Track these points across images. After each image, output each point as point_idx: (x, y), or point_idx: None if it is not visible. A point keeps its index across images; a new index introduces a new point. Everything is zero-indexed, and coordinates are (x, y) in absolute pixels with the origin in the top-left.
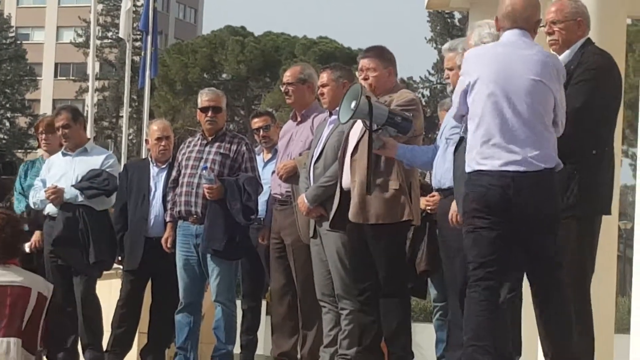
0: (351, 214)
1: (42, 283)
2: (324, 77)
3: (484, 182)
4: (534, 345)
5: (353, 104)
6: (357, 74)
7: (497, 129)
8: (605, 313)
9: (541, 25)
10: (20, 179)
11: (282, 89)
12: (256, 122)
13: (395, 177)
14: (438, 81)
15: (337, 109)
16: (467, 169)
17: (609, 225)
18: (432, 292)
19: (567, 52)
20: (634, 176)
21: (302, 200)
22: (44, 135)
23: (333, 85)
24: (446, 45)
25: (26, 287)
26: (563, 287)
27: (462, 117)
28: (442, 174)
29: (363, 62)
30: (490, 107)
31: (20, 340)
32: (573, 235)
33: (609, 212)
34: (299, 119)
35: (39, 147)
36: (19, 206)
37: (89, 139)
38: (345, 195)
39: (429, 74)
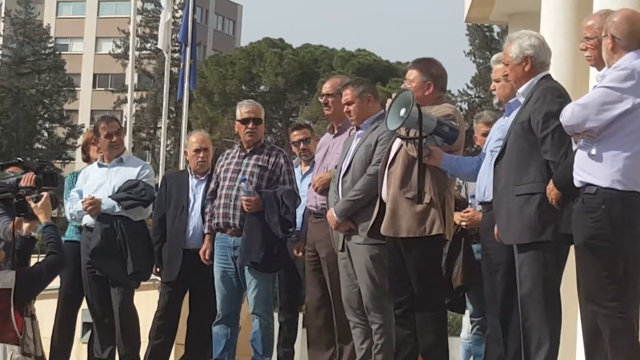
0: (383, 227)
1: (1, 276)
2: (348, 94)
3: None
4: None
5: (403, 112)
6: (406, 84)
7: None
8: None
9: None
10: (67, 189)
11: (322, 100)
12: (296, 135)
13: (428, 191)
14: (476, 95)
15: (366, 122)
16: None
17: None
18: (469, 307)
19: (605, 69)
20: None
21: (331, 214)
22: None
23: (358, 102)
24: (494, 57)
25: None
26: None
27: (579, 130)
28: (486, 186)
29: (408, 72)
30: None
31: (5, 344)
32: None
33: None
34: (336, 132)
35: (87, 159)
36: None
37: (125, 149)
38: (382, 208)
39: (467, 87)
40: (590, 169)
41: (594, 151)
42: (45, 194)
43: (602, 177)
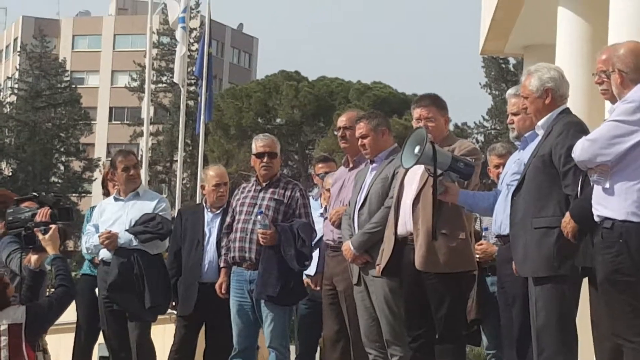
0: (418, 263)
1: (11, 312)
2: (362, 127)
3: None
4: None
5: (417, 149)
6: (413, 123)
7: None
8: None
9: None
10: (87, 222)
11: (338, 133)
12: (321, 168)
13: (462, 227)
14: (493, 127)
15: (380, 155)
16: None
17: None
18: (484, 339)
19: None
20: None
21: (348, 247)
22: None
23: (373, 135)
24: (511, 91)
25: None
26: None
27: (591, 165)
28: (502, 220)
29: (420, 112)
30: None
31: None
32: None
33: None
34: (351, 165)
35: (107, 194)
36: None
37: (141, 183)
38: (399, 243)
39: (483, 119)
40: (606, 203)
41: (607, 185)
42: (53, 226)
43: (618, 210)
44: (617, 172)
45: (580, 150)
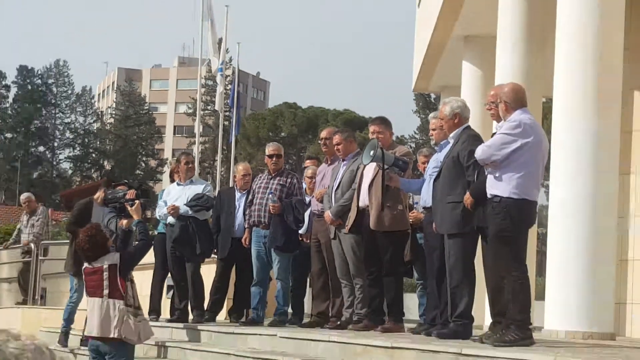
0: (372, 224)
1: (110, 257)
2: (337, 138)
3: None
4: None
5: (372, 152)
6: (369, 135)
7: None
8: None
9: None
10: (159, 199)
11: (321, 142)
12: (308, 162)
13: (400, 202)
14: (420, 138)
15: (349, 155)
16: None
17: (531, 230)
18: (415, 273)
19: (502, 122)
20: (547, 199)
21: (328, 215)
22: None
23: (344, 143)
24: (431, 115)
25: (98, 266)
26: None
27: (487, 162)
28: (426, 197)
29: (374, 127)
30: (539, 161)
31: (101, 298)
32: None
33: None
34: (329, 162)
35: (172, 180)
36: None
37: (194, 174)
38: (361, 211)
39: (414, 133)
40: (496, 186)
41: (497, 174)
42: (137, 201)
43: (504, 190)
44: (504, 166)
45: (481, 152)
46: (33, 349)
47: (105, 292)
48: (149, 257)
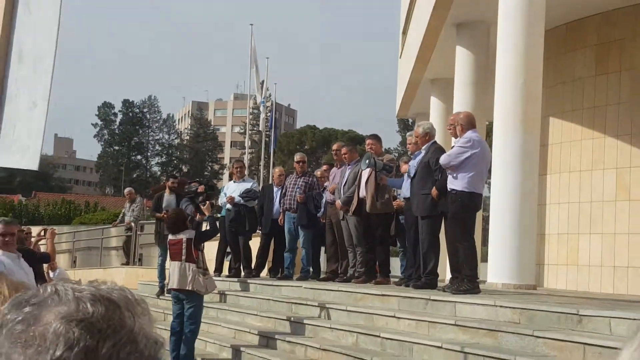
0: (367, 208)
1: (188, 233)
2: (344, 150)
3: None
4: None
5: (367, 161)
6: (365, 147)
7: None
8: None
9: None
10: (221, 192)
11: (333, 153)
12: (325, 169)
13: (388, 193)
14: (402, 150)
15: (352, 162)
16: (466, 190)
17: (479, 214)
18: (398, 244)
19: (459, 139)
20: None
21: (338, 203)
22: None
23: (349, 153)
24: (408, 133)
25: (179, 238)
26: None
27: (447, 166)
28: (404, 191)
29: (369, 141)
30: (484, 165)
31: (181, 262)
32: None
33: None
34: (339, 167)
35: (231, 179)
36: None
37: (246, 174)
38: (360, 200)
39: (397, 146)
40: (454, 182)
41: (454, 175)
42: (208, 202)
43: (459, 186)
44: (459, 169)
45: (443, 159)
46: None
47: (183, 257)
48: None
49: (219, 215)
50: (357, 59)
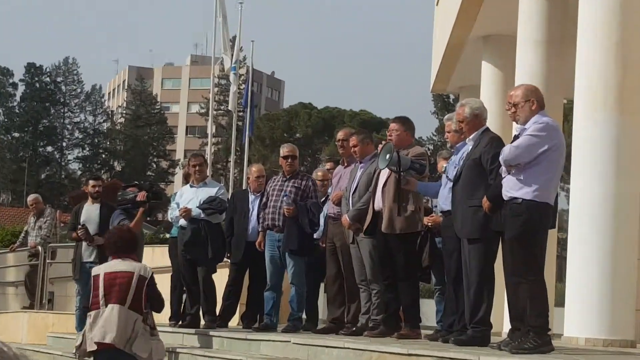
0: (383, 227)
1: (142, 268)
2: (354, 140)
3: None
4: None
5: (387, 156)
6: (387, 134)
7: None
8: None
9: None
10: (172, 201)
11: (338, 144)
12: (329, 164)
13: (411, 203)
14: (439, 140)
15: (366, 158)
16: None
17: (551, 235)
18: (433, 278)
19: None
20: (568, 203)
21: (345, 218)
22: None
23: (361, 145)
24: (446, 117)
25: (129, 271)
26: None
27: (513, 163)
28: (443, 201)
29: (392, 125)
30: (562, 164)
31: (122, 307)
32: None
33: (554, 227)
34: (346, 164)
35: (186, 181)
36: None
37: (208, 176)
38: (376, 213)
39: (433, 135)
40: (518, 188)
41: (522, 176)
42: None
43: (526, 193)
44: (528, 168)
45: (509, 153)
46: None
47: (128, 302)
48: (165, 259)
49: (167, 235)
50: (372, 8)
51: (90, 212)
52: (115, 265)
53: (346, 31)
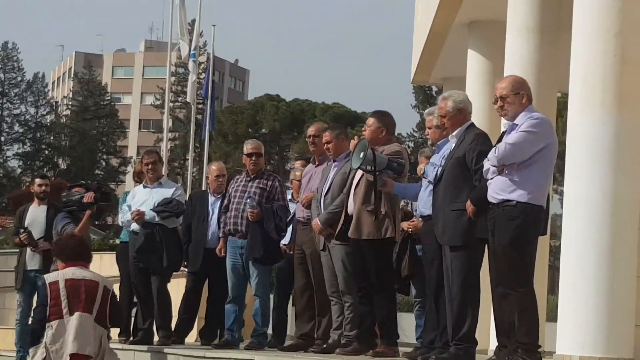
0: (350, 232)
1: (106, 280)
2: (328, 136)
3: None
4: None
5: (362, 154)
6: (363, 130)
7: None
8: (539, 306)
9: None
10: (121, 204)
11: (308, 140)
12: (298, 162)
13: (383, 205)
14: (420, 136)
15: (340, 156)
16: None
17: (543, 243)
18: (413, 290)
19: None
20: (561, 207)
21: (316, 223)
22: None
23: (335, 142)
24: (426, 111)
25: (94, 281)
26: None
27: (507, 162)
28: (423, 204)
29: (367, 120)
30: (553, 164)
31: (91, 316)
32: None
33: (545, 233)
34: (317, 163)
35: (138, 180)
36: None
37: (163, 175)
38: (350, 217)
39: (413, 131)
40: (511, 190)
41: (516, 177)
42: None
43: (521, 195)
44: (522, 168)
45: (503, 151)
46: None
47: (94, 312)
48: (113, 268)
49: (118, 241)
50: None
51: (36, 214)
52: (76, 272)
53: (318, 16)
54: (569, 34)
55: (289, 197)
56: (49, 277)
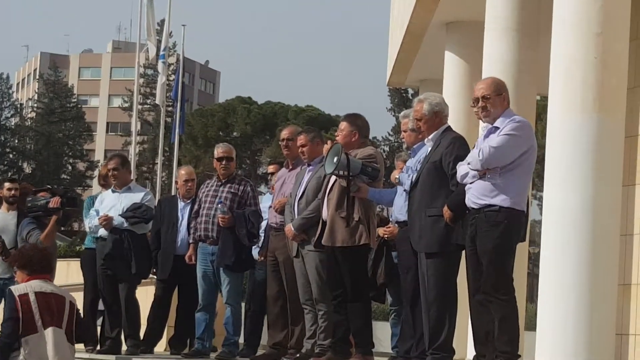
0: (324, 239)
1: (70, 295)
2: (302, 139)
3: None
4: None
5: (335, 159)
6: (336, 134)
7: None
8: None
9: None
10: (86, 209)
11: (282, 143)
12: (272, 167)
13: (356, 212)
14: (395, 140)
15: (315, 160)
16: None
17: (522, 249)
18: (389, 298)
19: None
20: (540, 213)
21: (289, 228)
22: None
23: (310, 145)
24: (402, 114)
25: (61, 295)
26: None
27: (490, 166)
28: (399, 210)
29: (340, 124)
30: (533, 165)
31: (62, 331)
32: None
33: (524, 239)
34: (290, 167)
35: (104, 183)
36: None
37: (132, 179)
38: (324, 223)
39: (389, 134)
40: (493, 195)
41: (499, 181)
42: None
43: (504, 200)
44: (504, 172)
45: (487, 155)
46: None
47: (64, 325)
48: (78, 275)
49: (83, 247)
50: None
51: (5, 220)
52: (43, 285)
53: (291, 16)
54: (549, 35)
55: (269, 203)
56: (16, 290)
